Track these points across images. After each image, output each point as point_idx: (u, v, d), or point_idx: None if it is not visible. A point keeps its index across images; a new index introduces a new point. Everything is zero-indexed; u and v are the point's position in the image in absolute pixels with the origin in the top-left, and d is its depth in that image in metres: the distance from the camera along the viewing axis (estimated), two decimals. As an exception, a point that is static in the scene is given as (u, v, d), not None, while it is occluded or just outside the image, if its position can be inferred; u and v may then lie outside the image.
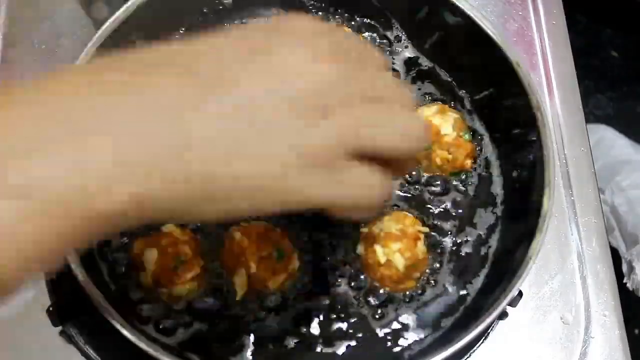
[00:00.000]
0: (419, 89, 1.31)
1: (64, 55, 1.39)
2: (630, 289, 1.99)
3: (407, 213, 1.18)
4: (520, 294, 1.18)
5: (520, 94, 1.18)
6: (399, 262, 1.11)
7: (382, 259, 1.11)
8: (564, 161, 1.40)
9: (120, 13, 1.17)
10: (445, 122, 1.21)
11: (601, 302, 1.28)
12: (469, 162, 1.23)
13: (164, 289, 1.10)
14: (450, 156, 1.21)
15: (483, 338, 1.23)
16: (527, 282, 1.27)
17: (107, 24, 1.16)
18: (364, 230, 1.16)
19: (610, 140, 2.32)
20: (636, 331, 2.17)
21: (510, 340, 1.24)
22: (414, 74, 1.33)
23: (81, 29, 1.43)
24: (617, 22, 2.56)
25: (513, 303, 1.20)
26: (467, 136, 1.23)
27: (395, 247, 1.11)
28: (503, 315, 1.24)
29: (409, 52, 1.34)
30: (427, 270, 1.17)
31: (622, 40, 2.62)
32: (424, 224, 1.19)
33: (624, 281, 2.00)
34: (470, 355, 1.22)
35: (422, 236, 1.15)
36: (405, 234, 1.13)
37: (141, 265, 1.09)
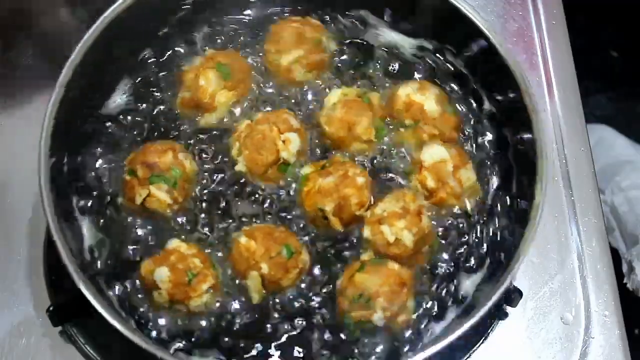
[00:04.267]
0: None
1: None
2: (630, 289, 1.99)
3: (405, 190, 1.18)
4: (520, 294, 1.18)
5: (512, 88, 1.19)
6: (407, 238, 1.11)
7: (391, 239, 1.11)
8: (564, 161, 1.40)
9: (109, 13, 1.17)
10: (427, 98, 1.22)
11: (601, 302, 1.28)
12: (455, 135, 1.24)
13: (181, 305, 1.08)
14: (437, 131, 1.22)
15: (483, 338, 1.23)
16: (527, 282, 1.27)
17: (97, 23, 1.16)
18: (366, 214, 1.16)
19: (610, 140, 2.31)
20: (636, 331, 2.16)
21: (510, 340, 1.25)
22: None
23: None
24: (617, 22, 2.55)
25: (513, 303, 1.20)
26: (451, 109, 1.24)
27: (401, 224, 1.12)
28: (503, 315, 1.24)
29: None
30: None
31: (622, 40, 2.61)
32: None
33: (624, 281, 2.00)
34: (470, 355, 1.22)
35: (424, 210, 1.15)
36: (408, 210, 1.13)
37: (154, 285, 1.07)
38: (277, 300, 1.13)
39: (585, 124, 1.45)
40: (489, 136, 1.28)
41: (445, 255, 1.18)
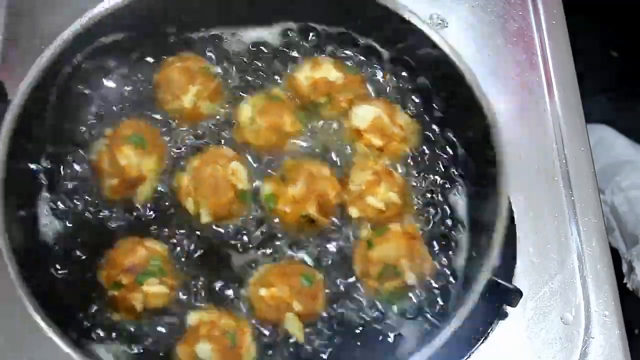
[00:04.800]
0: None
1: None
2: (630, 289, 1.99)
3: (361, 158, 1.21)
4: (520, 294, 1.18)
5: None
6: (395, 197, 1.16)
7: (381, 205, 1.15)
8: (564, 161, 1.40)
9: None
10: (326, 69, 1.25)
11: (601, 302, 1.28)
12: (365, 90, 1.29)
13: None
14: (350, 94, 1.25)
15: (483, 338, 1.23)
16: (527, 282, 1.27)
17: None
18: (346, 197, 1.18)
19: (610, 140, 2.31)
20: (636, 331, 2.16)
21: (510, 340, 1.24)
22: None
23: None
24: (617, 22, 2.55)
25: (513, 303, 1.20)
26: (350, 70, 1.28)
27: (382, 188, 1.15)
28: (503, 315, 1.24)
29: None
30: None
31: (622, 40, 2.61)
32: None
33: (624, 281, 2.00)
34: (470, 355, 1.22)
35: (389, 167, 1.19)
36: (378, 173, 1.17)
37: None
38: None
39: (585, 124, 1.45)
40: (396, 79, 1.32)
41: (423, 196, 1.24)
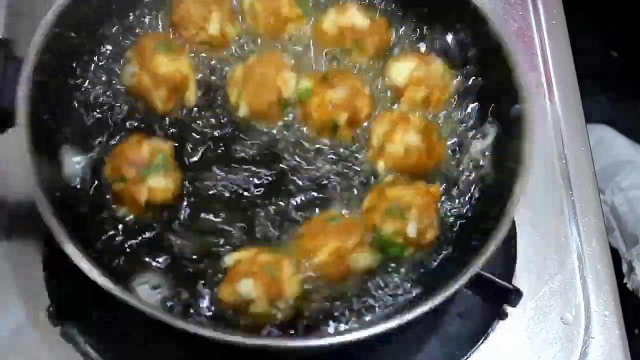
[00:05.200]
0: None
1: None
2: (630, 289, 1.99)
3: (383, 111, 1.21)
4: (520, 294, 1.18)
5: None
6: (413, 140, 1.15)
7: (401, 149, 1.15)
8: (564, 161, 1.40)
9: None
10: (351, 16, 1.24)
11: (601, 302, 1.28)
12: (391, 35, 1.28)
13: (280, 301, 1.04)
14: (376, 37, 1.25)
15: (483, 338, 1.23)
16: (527, 282, 1.27)
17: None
18: (370, 153, 1.17)
19: (610, 140, 2.31)
20: (636, 331, 2.16)
21: (510, 340, 1.24)
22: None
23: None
24: (617, 22, 2.55)
25: (513, 303, 1.20)
26: (375, 16, 1.27)
27: (401, 133, 1.15)
28: (503, 315, 1.24)
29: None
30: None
31: (622, 40, 2.61)
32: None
33: (624, 281, 2.00)
34: (470, 355, 1.22)
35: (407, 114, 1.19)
36: (394, 120, 1.17)
37: (245, 303, 1.02)
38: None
39: (585, 124, 1.45)
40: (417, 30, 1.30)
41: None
